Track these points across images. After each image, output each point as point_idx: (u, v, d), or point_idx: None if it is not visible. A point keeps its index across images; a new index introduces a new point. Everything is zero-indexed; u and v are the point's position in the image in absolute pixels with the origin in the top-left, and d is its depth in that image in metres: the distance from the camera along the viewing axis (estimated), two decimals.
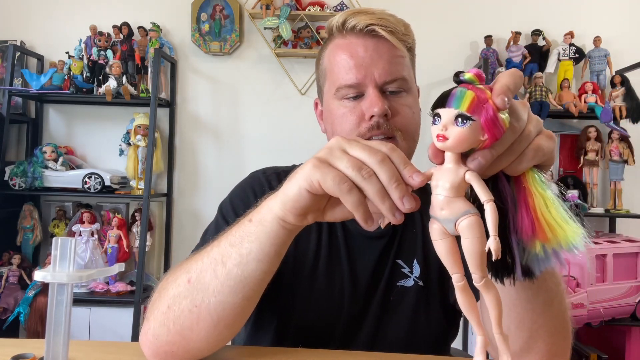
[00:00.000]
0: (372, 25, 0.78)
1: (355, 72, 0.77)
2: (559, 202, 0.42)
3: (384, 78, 0.77)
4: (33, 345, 0.70)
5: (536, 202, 0.42)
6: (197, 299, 0.59)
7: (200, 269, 0.60)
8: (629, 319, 2.11)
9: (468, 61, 2.47)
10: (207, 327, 0.60)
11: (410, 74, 0.82)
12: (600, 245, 2.06)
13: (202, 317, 0.59)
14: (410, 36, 0.83)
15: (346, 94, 0.79)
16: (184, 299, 0.60)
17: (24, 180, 2.26)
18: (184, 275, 0.61)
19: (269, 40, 2.45)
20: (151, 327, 0.63)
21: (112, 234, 2.32)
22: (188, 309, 0.60)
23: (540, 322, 0.58)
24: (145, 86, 2.36)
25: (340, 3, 2.42)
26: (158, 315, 0.62)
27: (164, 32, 2.49)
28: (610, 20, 2.45)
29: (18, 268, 2.28)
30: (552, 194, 0.43)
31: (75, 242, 0.58)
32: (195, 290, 0.59)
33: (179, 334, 0.61)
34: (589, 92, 2.31)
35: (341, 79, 0.79)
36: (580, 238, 0.42)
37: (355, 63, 0.78)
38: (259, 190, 0.85)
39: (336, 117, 0.80)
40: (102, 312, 2.24)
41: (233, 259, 0.56)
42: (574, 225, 0.42)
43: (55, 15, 2.52)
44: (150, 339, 0.63)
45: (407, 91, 0.81)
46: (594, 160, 2.32)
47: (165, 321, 0.61)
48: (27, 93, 2.34)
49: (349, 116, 0.78)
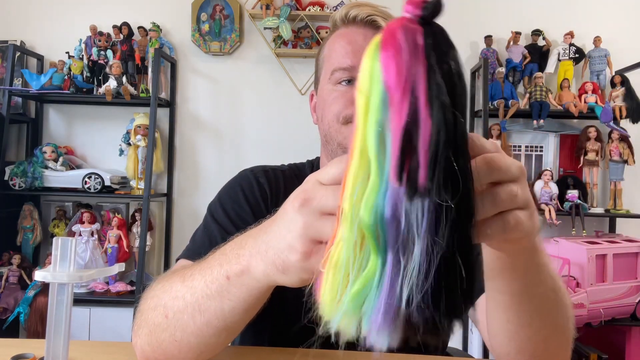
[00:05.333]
0: (373, 16, 0.80)
1: (351, 57, 0.79)
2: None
3: None
4: (33, 345, 0.70)
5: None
6: (176, 335, 0.56)
7: (177, 309, 0.55)
8: (629, 319, 2.11)
9: (468, 61, 2.47)
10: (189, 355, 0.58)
11: None
12: (600, 245, 2.06)
13: (184, 350, 0.58)
14: None
15: (340, 77, 0.80)
16: (163, 331, 0.58)
17: (24, 180, 2.26)
18: (161, 309, 0.58)
19: (269, 40, 2.45)
20: (138, 343, 0.62)
21: (112, 234, 2.32)
22: (168, 341, 0.58)
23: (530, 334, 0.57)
24: (145, 86, 2.36)
25: (340, 3, 2.42)
26: (142, 335, 0.61)
27: (164, 32, 2.49)
28: (610, 20, 2.45)
29: (18, 268, 2.28)
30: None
31: (75, 242, 0.58)
32: (173, 327, 0.56)
33: (163, 354, 0.60)
34: (589, 92, 2.31)
35: (337, 62, 0.80)
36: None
37: (353, 48, 0.79)
38: (247, 188, 0.85)
39: (327, 100, 0.81)
40: (102, 312, 2.24)
41: (212, 312, 0.53)
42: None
43: (55, 15, 2.52)
44: (139, 352, 0.62)
45: None
46: (594, 160, 2.32)
47: (149, 342, 0.60)
48: (27, 93, 2.34)
49: (340, 99, 0.79)
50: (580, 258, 2.01)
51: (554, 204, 2.24)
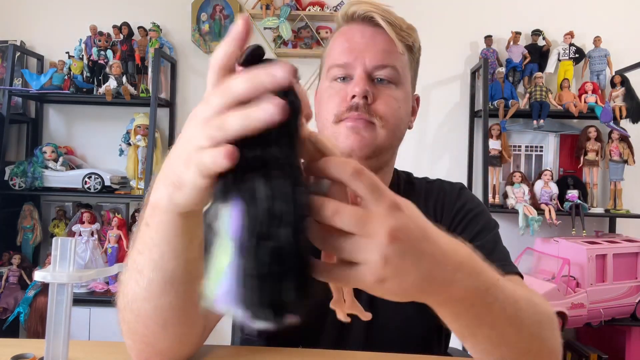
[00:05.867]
0: (372, 12, 0.79)
1: (347, 54, 0.79)
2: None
3: (374, 63, 0.79)
4: (33, 345, 0.70)
5: None
6: (134, 309, 0.56)
7: (126, 280, 0.56)
8: (629, 319, 2.11)
9: (468, 61, 2.47)
10: (158, 331, 0.57)
11: (404, 71, 0.83)
12: (600, 245, 2.06)
13: (147, 324, 0.57)
14: (412, 36, 0.84)
15: (336, 74, 0.80)
16: (124, 310, 0.57)
17: (24, 180, 2.26)
18: (120, 287, 0.58)
19: (269, 40, 2.45)
20: (124, 339, 0.62)
21: (112, 234, 2.32)
22: (133, 320, 0.57)
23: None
24: (145, 86, 2.36)
25: (340, 3, 2.42)
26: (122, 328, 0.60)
27: (164, 32, 2.49)
28: (610, 20, 2.45)
29: (18, 268, 2.28)
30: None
31: (75, 242, 0.58)
32: (129, 301, 0.56)
33: (141, 342, 0.59)
34: (589, 92, 2.31)
35: (333, 59, 0.81)
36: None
37: (349, 46, 0.80)
38: None
39: (323, 98, 0.82)
40: (102, 312, 2.23)
41: (147, 266, 0.51)
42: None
43: (55, 15, 2.52)
44: (129, 350, 0.62)
45: (397, 85, 0.81)
46: (594, 160, 2.32)
47: (126, 332, 0.60)
48: (27, 93, 2.34)
49: (334, 97, 0.80)
50: (580, 258, 2.01)
51: (554, 204, 2.24)
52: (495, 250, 0.81)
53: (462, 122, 2.48)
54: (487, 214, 0.88)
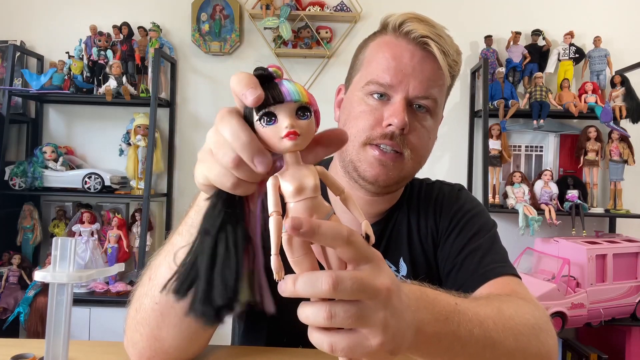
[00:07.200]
0: (427, 38, 0.76)
1: (392, 74, 0.76)
2: None
3: (417, 92, 0.76)
4: (33, 345, 0.70)
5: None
6: (156, 295, 0.58)
7: (157, 264, 0.59)
8: (629, 319, 2.11)
9: (468, 61, 2.47)
10: (174, 321, 0.58)
11: (442, 100, 0.81)
12: (600, 245, 2.06)
13: (165, 313, 0.58)
14: (459, 65, 0.81)
15: (374, 90, 0.77)
16: (145, 297, 0.59)
17: (24, 180, 2.26)
18: (147, 273, 0.61)
19: (269, 40, 2.45)
20: (128, 337, 0.62)
21: (112, 234, 2.32)
22: (150, 308, 0.59)
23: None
24: (145, 86, 2.36)
25: (340, 3, 2.42)
26: (130, 322, 0.62)
27: (164, 32, 2.49)
28: (610, 20, 2.45)
29: (18, 268, 2.28)
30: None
31: (75, 242, 0.58)
32: (154, 286, 0.58)
33: (150, 336, 0.60)
34: (589, 92, 2.31)
35: (375, 75, 0.77)
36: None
37: (396, 65, 0.76)
38: None
39: (355, 110, 0.79)
40: (102, 312, 2.23)
41: (183, 248, 0.53)
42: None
43: (55, 15, 2.52)
44: (131, 350, 0.63)
45: (432, 114, 0.80)
46: (594, 160, 2.32)
47: (136, 326, 0.61)
48: (27, 93, 2.34)
49: (368, 115, 0.77)
50: (580, 258, 2.01)
51: (554, 204, 2.24)
52: (491, 251, 0.80)
53: (462, 122, 2.48)
54: (484, 215, 0.88)
